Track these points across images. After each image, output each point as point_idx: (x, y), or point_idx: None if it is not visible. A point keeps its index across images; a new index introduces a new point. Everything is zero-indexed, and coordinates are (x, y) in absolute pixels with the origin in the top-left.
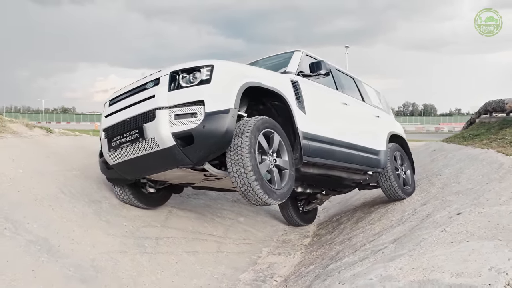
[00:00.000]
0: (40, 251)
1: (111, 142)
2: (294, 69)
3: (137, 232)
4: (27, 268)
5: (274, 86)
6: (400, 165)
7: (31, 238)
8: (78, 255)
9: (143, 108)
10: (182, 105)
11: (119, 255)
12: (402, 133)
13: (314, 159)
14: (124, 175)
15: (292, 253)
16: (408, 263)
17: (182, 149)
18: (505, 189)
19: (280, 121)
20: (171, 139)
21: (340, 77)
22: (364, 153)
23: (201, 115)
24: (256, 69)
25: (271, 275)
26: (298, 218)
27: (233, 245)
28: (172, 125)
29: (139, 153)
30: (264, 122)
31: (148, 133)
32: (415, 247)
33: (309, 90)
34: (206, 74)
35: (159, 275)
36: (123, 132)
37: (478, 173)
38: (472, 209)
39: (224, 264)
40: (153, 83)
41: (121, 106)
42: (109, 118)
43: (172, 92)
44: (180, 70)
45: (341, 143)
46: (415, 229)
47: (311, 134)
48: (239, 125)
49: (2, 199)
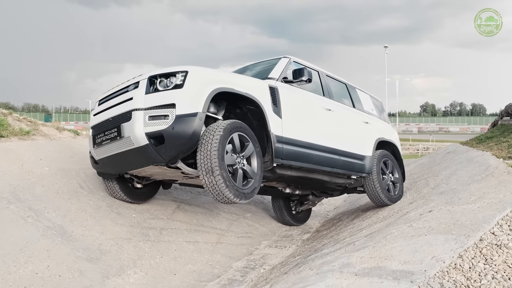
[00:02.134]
0: (55, 235)
1: (95, 139)
2: (277, 75)
3: (143, 223)
4: (43, 248)
5: (247, 92)
6: (389, 172)
7: (49, 224)
8: (87, 240)
9: (123, 109)
10: (156, 108)
11: (124, 241)
12: (394, 140)
13: (288, 162)
14: (108, 170)
15: (287, 246)
16: (369, 253)
17: (154, 148)
18: (479, 189)
19: (255, 124)
20: (145, 139)
21: (329, 83)
22: (347, 157)
23: (172, 117)
24: (231, 75)
25: (261, 264)
26: (290, 217)
27: (234, 237)
28: (146, 125)
29: (118, 150)
30: (235, 126)
31: (125, 132)
32: (381, 240)
33: (288, 96)
34: (180, 79)
35: (158, 259)
36: (105, 130)
37: (467, 174)
38: (442, 207)
39: (221, 254)
40: (133, 86)
41: (106, 106)
42: (96, 117)
43: (148, 95)
44: (158, 74)
45: (320, 147)
46: (390, 225)
47: (285, 138)
48: (210, 127)
49: (28, 192)
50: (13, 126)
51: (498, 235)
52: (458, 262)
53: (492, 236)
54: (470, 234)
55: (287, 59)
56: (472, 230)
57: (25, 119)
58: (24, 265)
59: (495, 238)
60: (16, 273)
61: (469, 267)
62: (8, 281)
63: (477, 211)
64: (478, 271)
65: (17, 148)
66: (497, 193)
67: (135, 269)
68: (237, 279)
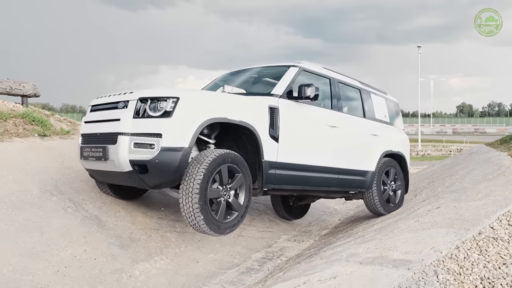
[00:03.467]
0: (92, 224)
1: (82, 151)
2: (281, 91)
3: (171, 215)
4: (81, 235)
5: (241, 120)
6: (391, 181)
7: (86, 214)
8: (119, 229)
9: (110, 128)
10: (142, 135)
11: (153, 231)
12: (402, 151)
13: (280, 186)
14: (97, 178)
15: (305, 240)
16: (375, 245)
17: (138, 175)
18: (487, 187)
19: (249, 148)
20: (129, 165)
21: (340, 92)
22: (347, 175)
23: (158, 148)
24: (226, 100)
25: (278, 256)
26: (285, 212)
27: (255, 231)
28: (131, 152)
29: (103, 168)
30: (224, 158)
31: (110, 155)
32: (388, 233)
33: (289, 116)
34: (170, 106)
35: (182, 248)
36: (92, 145)
37: (480, 174)
38: (450, 204)
39: (241, 245)
40: (123, 104)
41: (96, 118)
42: (87, 126)
43: (136, 119)
44: (148, 97)
45: (317, 168)
46: (400, 220)
47: (280, 163)
48: (197, 158)
49: (68, 185)
50: (54, 126)
51: (497, 229)
52: (455, 252)
53: (491, 230)
54: (470, 228)
55: (296, 69)
56: (473, 224)
57: (65, 120)
58: (65, 248)
59: (493, 231)
60: (58, 255)
61: (463, 257)
62: (51, 262)
63: (481, 207)
64: (471, 261)
65: (58, 146)
66: (503, 191)
67: (161, 256)
68: (255, 268)
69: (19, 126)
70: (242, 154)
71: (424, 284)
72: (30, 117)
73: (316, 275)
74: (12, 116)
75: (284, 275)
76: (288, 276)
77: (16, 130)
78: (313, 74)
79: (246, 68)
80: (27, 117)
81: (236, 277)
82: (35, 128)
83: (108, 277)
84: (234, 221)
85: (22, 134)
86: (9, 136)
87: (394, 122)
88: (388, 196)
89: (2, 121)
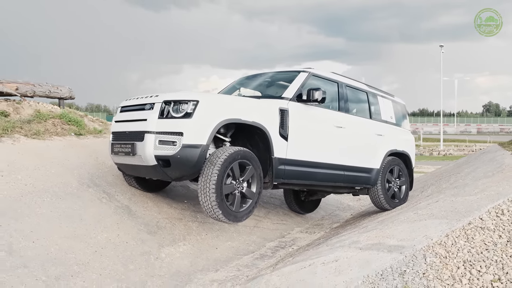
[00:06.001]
0: (123, 213)
1: (113, 147)
2: (291, 94)
3: (193, 207)
4: (114, 222)
5: (254, 120)
6: (396, 177)
7: (118, 204)
8: (147, 218)
9: (138, 127)
10: (166, 133)
11: (176, 220)
12: (407, 150)
13: (289, 180)
14: (125, 171)
15: (317, 232)
16: (375, 234)
17: (162, 168)
18: (484, 183)
19: (261, 146)
20: (154, 160)
21: (347, 95)
22: (352, 172)
23: (179, 145)
24: (241, 102)
25: (290, 245)
26: (297, 206)
27: (270, 223)
28: (156, 148)
29: (131, 162)
30: (237, 155)
31: (138, 150)
32: (388, 224)
33: (298, 117)
34: (190, 108)
35: (203, 236)
36: (121, 141)
37: (482, 171)
38: (448, 198)
39: (257, 235)
40: (149, 106)
41: (126, 118)
42: (117, 125)
43: (160, 120)
44: (172, 100)
45: (324, 165)
46: (401, 213)
47: (289, 159)
48: (215, 153)
49: (102, 179)
50: (88, 126)
51: (485, 220)
52: (444, 239)
53: (479, 220)
54: (461, 218)
55: (306, 74)
56: (464, 216)
57: (97, 120)
58: (101, 233)
59: (481, 222)
60: (95, 238)
61: (451, 243)
62: (90, 244)
63: (475, 201)
64: (458, 247)
65: (92, 144)
66: (498, 187)
67: (184, 242)
68: (268, 254)
69: (58, 126)
70: (255, 151)
71: (412, 265)
72: (66, 117)
73: (320, 258)
74: (51, 117)
75: (293, 259)
76: (296, 260)
77: (55, 129)
78: (322, 78)
79: (260, 72)
80: (64, 118)
81: (250, 261)
82: (72, 127)
83: (138, 258)
84: (249, 208)
85: (61, 133)
86: (50, 135)
87: (400, 123)
88: (393, 192)
89: (42, 121)
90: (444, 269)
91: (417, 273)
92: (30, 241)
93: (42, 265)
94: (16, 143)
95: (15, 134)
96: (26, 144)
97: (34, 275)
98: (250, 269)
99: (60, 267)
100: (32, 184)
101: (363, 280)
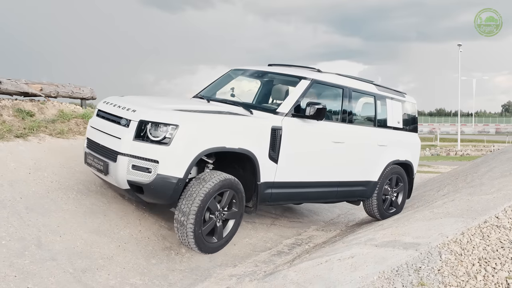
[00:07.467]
0: (145, 210)
1: (86, 157)
2: (287, 109)
3: None
4: (136, 218)
5: (240, 147)
6: (394, 186)
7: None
8: (168, 215)
9: (112, 144)
10: (140, 158)
11: None
12: (410, 158)
13: (275, 202)
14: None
15: (333, 230)
16: (391, 231)
17: (135, 193)
18: (501, 183)
19: (248, 168)
20: (126, 184)
21: (352, 102)
22: (348, 187)
23: (154, 173)
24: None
25: (307, 242)
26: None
27: (286, 221)
28: (129, 173)
29: (105, 179)
30: (222, 185)
31: (110, 171)
32: (404, 222)
33: (292, 136)
34: (169, 133)
35: None
36: (95, 154)
37: (500, 171)
38: (464, 197)
39: (273, 233)
40: (125, 122)
41: (100, 128)
42: (92, 131)
43: (135, 141)
44: (149, 121)
45: (317, 183)
46: (417, 211)
47: (278, 182)
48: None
49: None
50: None
51: (501, 219)
52: (459, 237)
53: (495, 219)
54: (477, 217)
55: (307, 82)
56: (480, 214)
57: None
58: (124, 228)
59: (497, 220)
60: (119, 234)
61: (467, 241)
62: (113, 238)
63: (491, 200)
64: (473, 244)
65: None
66: None
67: None
68: (285, 251)
69: (80, 126)
70: (241, 173)
71: (428, 262)
72: (89, 117)
73: (336, 255)
74: (74, 117)
75: (309, 256)
76: (312, 256)
77: (78, 129)
78: (325, 85)
79: (261, 70)
80: (87, 118)
81: (268, 258)
82: None
83: (159, 253)
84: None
85: (83, 132)
86: (73, 134)
87: (407, 126)
88: (390, 202)
89: (66, 121)
90: (459, 266)
91: (432, 269)
92: (57, 235)
93: (69, 258)
94: (42, 142)
95: (41, 133)
96: (51, 143)
97: (62, 267)
98: (268, 265)
99: (86, 260)
100: (58, 181)
101: (378, 276)
